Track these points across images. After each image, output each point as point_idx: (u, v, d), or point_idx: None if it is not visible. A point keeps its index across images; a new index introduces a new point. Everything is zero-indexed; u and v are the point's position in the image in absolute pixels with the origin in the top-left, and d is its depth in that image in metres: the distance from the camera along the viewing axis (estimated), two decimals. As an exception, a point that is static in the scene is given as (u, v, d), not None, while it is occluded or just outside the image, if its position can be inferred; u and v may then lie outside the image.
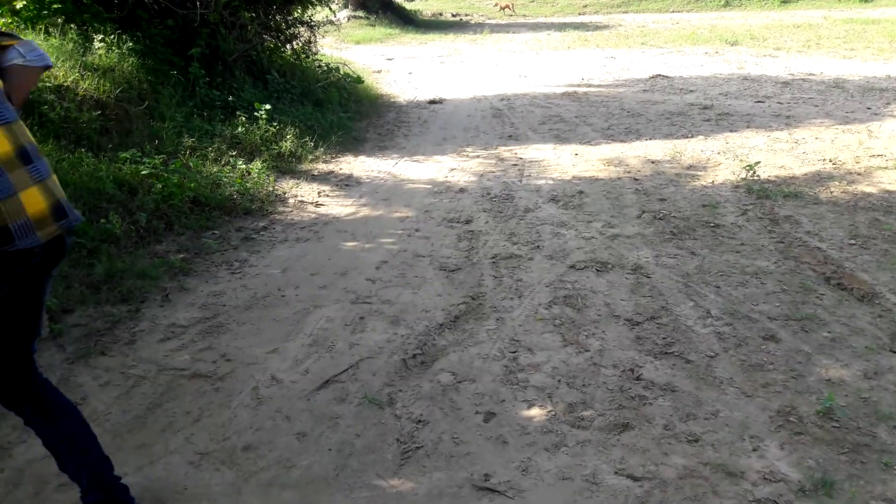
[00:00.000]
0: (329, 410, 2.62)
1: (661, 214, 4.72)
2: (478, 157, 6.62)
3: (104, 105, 5.30)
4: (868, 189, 5.11)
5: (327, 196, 5.36)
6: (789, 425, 2.45)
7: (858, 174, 5.48)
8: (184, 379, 2.84)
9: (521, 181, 5.72)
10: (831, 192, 5.06)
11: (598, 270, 3.84)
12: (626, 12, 31.00)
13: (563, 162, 6.25)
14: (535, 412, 2.58)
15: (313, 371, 2.87)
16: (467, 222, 4.72)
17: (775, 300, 3.41)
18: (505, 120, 8.36)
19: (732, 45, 15.69)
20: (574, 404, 2.61)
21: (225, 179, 5.12)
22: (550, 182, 5.65)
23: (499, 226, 4.63)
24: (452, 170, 6.13)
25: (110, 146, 5.02)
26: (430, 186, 5.63)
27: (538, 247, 4.23)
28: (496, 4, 30.05)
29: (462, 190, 5.50)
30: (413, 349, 3.00)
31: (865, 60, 12.92)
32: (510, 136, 7.49)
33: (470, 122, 8.40)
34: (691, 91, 9.82)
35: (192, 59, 6.66)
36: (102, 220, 4.05)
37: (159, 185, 4.58)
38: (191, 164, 5.15)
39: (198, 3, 6.67)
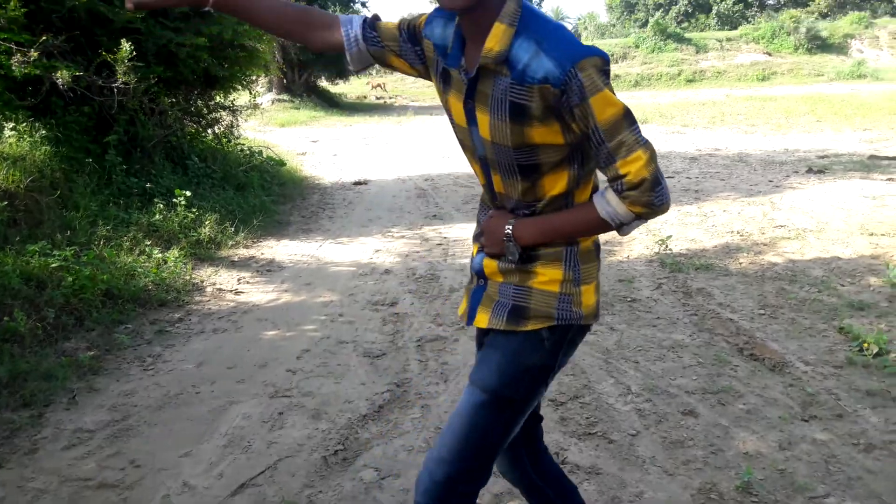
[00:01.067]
0: (246, 515, 2.49)
1: (582, 291, 4.81)
2: (403, 237, 6.67)
3: (13, 196, 5.11)
4: (774, 259, 5.37)
5: (247, 283, 5.26)
6: (710, 502, 2.47)
7: (764, 245, 5.76)
8: (89, 490, 2.66)
9: (446, 260, 5.76)
10: (740, 264, 5.29)
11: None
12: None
13: (486, 240, 6.33)
14: (461, 504, 2.51)
15: (228, 475, 2.73)
16: (392, 304, 4.70)
17: (692, 374, 3.49)
18: (430, 200, 8.48)
19: (643, 123, 16.49)
20: (500, 494, 2.56)
21: (140, 270, 4.97)
22: (474, 261, 5.70)
23: (424, 307, 4.63)
24: (377, 251, 6.14)
25: (18, 238, 4.82)
26: (354, 269, 5.61)
27: (463, 328, 4.23)
28: (368, 83, 30.91)
29: (387, 271, 5.50)
30: (334, 445, 2.91)
31: (765, 135, 13.81)
32: (435, 215, 7.59)
33: (395, 202, 8.49)
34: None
35: (109, 146, 6.55)
36: (6, 319, 3.84)
37: (70, 279, 4.40)
38: (105, 254, 4.99)
39: (115, 91, 6.61)
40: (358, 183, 9.95)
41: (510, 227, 1.55)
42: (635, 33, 41.15)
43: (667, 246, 5.62)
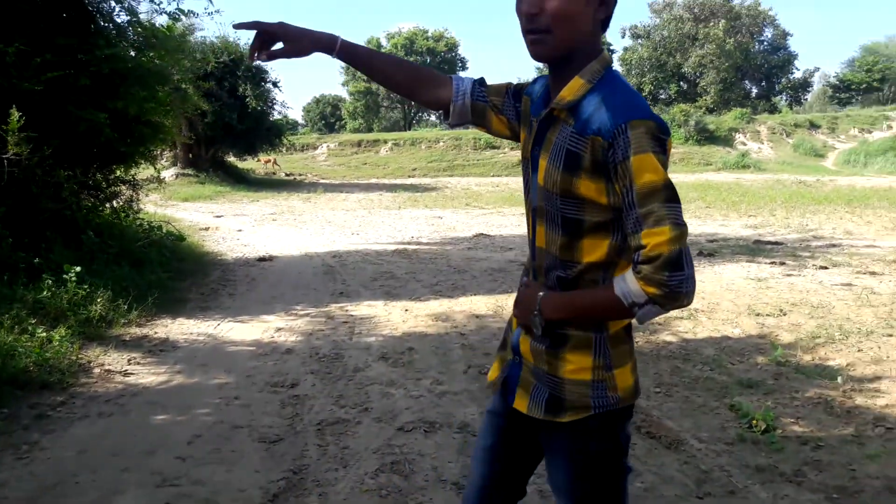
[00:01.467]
0: None
1: (486, 369, 4.83)
2: (308, 315, 6.55)
3: None
4: (668, 338, 5.58)
5: (138, 364, 5.00)
6: (610, 586, 2.45)
7: (659, 324, 5.98)
8: None
9: (351, 339, 5.68)
10: (636, 343, 5.45)
11: (426, 431, 3.80)
12: (452, 176, 33.22)
13: (394, 318, 6.32)
14: None
15: (105, 572, 2.52)
16: (293, 386, 4.57)
17: (592, 453, 3.51)
18: (337, 277, 8.41)
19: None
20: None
21: (21, 349, 4.65)
22: (381, 339, 5.66)
23: (326, 388, 4.52)
24: (280, 330, 5.99)
25: None
26: (254, 348, 5.44)
27: (366, 409, 4.15)
28: (258, 159, 31.09)
29: (289, 351, 5.36)
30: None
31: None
32: (342, 292, 7.51)
33: (300, 279, 8.36)
34: (511, 248, 10.49)
35: (-4, 218, 6.21)
36: None
37: (-63, 360, 4.07)
38: (-20, 333, 4.65)
39: (4, 161, 6.32)
40: (262, 259, 9.78)
41: (540, 297, 1.54)
42: (539, 121, 43.15)
43: (568, 325, 5.74)
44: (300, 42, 1.70)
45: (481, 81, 1.79)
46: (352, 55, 1.76)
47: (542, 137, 1.54)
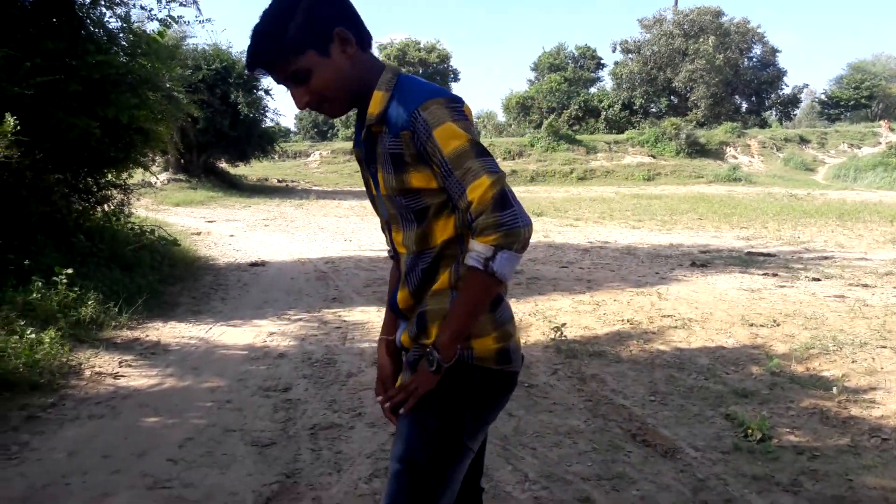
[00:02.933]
0: None
1: (480, 377, 4.80)
2: (300, 320, 6.51)
3: None
4: (662, 347, 5.57)
5: (129, 366, 4.94)
6: (608, 592, 2.43)
7: (653, 333, 5.98)
8: None
9: (344, 344, 5.65)
10: (631, 351, 5.45)
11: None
12: (445, 183, 33.12)
13: (385, 325, 6.27)
14: None
15: (95, 575, 2.48)
16: (285, 390, 4.53)
17: (587, 460, 3.50)
18: (329, 283, 8.38)
19: (538, 215, 17.12)
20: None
21: (10, 351, 4.59)
22: (374, 344, 5.62)
23: (319, 392, 4.48)
24: (272, 334, 5.95)
25: None
26: (246, 352, 5.39)
27: (360, 414, 4.11)
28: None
29: (281, 355, 5.32)
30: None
31: (651, 230, 14.60)
32: (334, 298, 7.47)
33: (293, 284, 8.32)
34: (505, 257, 10.45)
35: (-16, 220, 6.15)
36: None
37: (-75, 360, 4.01)
38: (-31, 334, 4.59)
39: (-5, 164, 6.27)
40: (255, 264, 9.73)
41: (435, 358, 1.57)
42: (530, 133, 43.24)
43: (562, 333, 5.73)
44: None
45: None
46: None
47: (373, 154, 1.64)
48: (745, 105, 50.20)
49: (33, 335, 4.94)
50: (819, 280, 8.60)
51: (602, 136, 42.18)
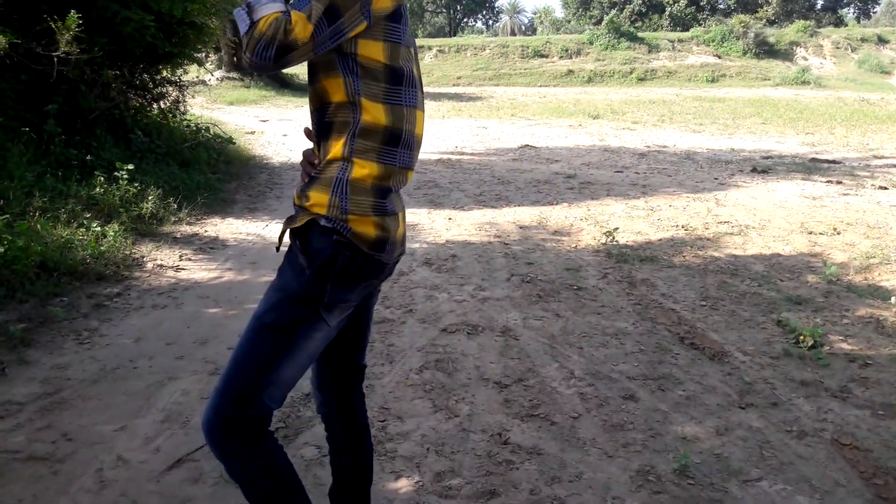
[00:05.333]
0: (181, 492, 2.43)
1: (529, 278, 4.84)
2: (352, 220, 6.58)
3: (-60, 162, 4.87)
4: (716, 254, 5.49)
5: (189, 260, 5.13)
6: (648, 484, 2.50)
7: (708, 240, 5.88)
8: (17, 462, 2.55)
9: (394, 245, 5.71)
10: (684, 257, 5.39)
11: (468, 333, 3.86)
12: (498, 85, 32.52)
13: (437, 226, 6.33)
14: (403, 483, 2.50)
15: (165, 449, 2.66)
16: (338, 287, 4.63)
17: (634, 360, 3.54)
18: (380, 184, 8.40)
19: (594, 118, 16.69)
20: (442, 473, 2.56)
21: (77, 243, 4.80)
22: (425, 245, 5.68)
23: (371, 290, 4.58)
24: (325, 233, 6.05)
25: (-55, 206, 4.60)
26: (301, 250, 5.51)
27: (411, 310, 4.21)
28: None
29: (334, 254, 5.42)
30: (276, 423, 2.85)
31: (713, 135, 14.12)
32: (385, 199, 7.51)
33: (344, 185, 8.37)
34: (557, 161, 10.32)
35: (49, 115, 6.29)
36: (-71, 287, 3.66)
37: (1, 249, 4.21)
38: (39, 226, 4.79)
39: (55, 60, 6.34)
40: (308, 165, 9.80)
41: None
42: (590, 30, 41.58)
43: (613, 238, 5.69)
44: None
45: None
46: None
47: None
48: (820, 1, 47.07)
49: (98, 228, 5.14)
50: (886, 188, 8.26)
51: (665, 34, 40.36)
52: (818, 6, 46.39)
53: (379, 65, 1.58)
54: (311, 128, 1.72)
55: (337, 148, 1.60)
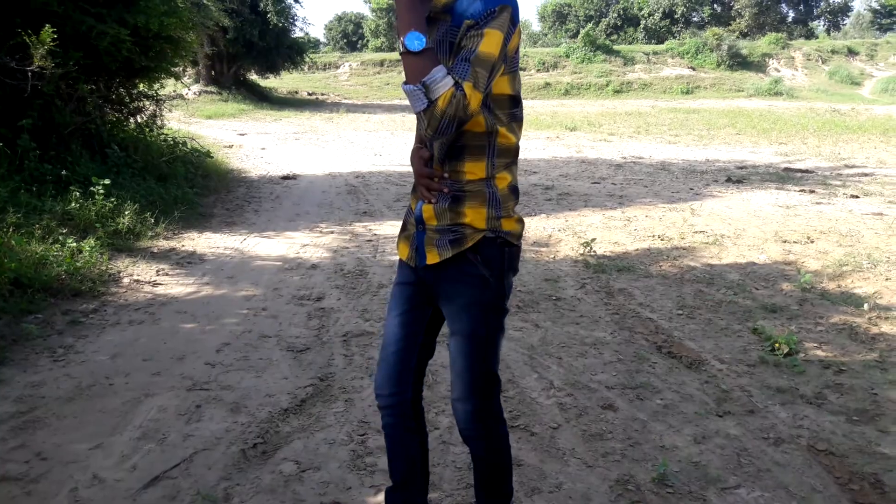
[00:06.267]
0: (158, 510, 2.40)
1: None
2: (332, 232, 6.58)
3: (-89, 178, 4.79)
4: (692, 263, 5.55)
5: (166, 275, 5.08)
6: (628, 494, 2.52)
7: (684, 249, 5.94)
8: (-12, 484, 2.51)
9: (375, 257, 5.72)
10: (660, 266, 5.44)
11: (448, 345, 3.85)
12: (476, 96, 32.52)
13: (415, 238, 6.32)
14: (382, 498, 2.49)
15: (141, 467, 2.63)
16: (318, 299, 4.63)
17: (612, 370, 3.56)
18: (360, 196, 8.41)
19: (572, 130, 16.82)
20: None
21: (52, 259, 4.74)
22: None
23: (351, 302, 4.58)
24: (305, 246, 6.04)
25: (-85, 223, 4.52)
26: (280, 263, 5.50)
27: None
28: None
29: (314, 266, 5.42)
30: (254, 438, 2.84)
31: (687, 146, 14.29)
32: (365, 212, 7.53)
33: (324, 198, 8.38)
34: (535, 172, 10.38)
35: (23, 130, 6.22)
36: None
37: (-27, 266, 4.16)
38: (13, 241, 4.73)
39: (30, 74, 6.28)
40: (286, 177, 9.78)
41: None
42: (566, 43, 41.94)
43: (591, 248, 5.73)
44: None
45: None
46: None
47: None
48: (791, 14, 47.95)
49: (73, 244, 5.08)
50: (857, 197, 8.41)
51: (641, 47, 40.85)
52: (790, 19, 47.22)
53: (506, 96, 1.78)
54: (423, 147, 1.86)
55: (479, 169, 1.80)
